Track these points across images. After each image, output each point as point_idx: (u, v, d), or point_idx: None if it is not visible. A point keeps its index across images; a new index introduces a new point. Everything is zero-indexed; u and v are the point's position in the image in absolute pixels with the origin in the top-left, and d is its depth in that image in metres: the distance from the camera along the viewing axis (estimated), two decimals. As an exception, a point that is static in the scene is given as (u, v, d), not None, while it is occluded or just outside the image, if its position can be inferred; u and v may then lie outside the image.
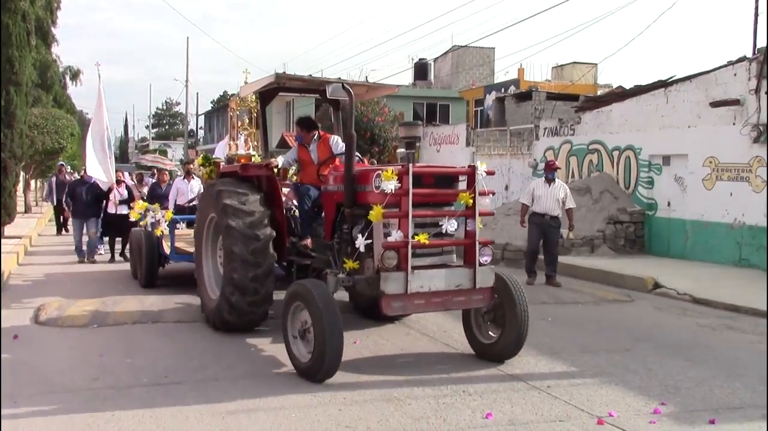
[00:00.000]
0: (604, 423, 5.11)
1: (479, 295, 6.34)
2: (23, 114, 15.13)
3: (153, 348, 7.16)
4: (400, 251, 5.97)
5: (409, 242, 5.95)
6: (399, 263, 5.94)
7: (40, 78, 26.82)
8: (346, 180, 6.62)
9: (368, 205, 6.32)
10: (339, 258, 6.93)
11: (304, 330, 6.06)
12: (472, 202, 6.26)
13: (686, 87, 14.40)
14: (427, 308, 6.26)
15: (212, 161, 10.46)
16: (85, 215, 14.11)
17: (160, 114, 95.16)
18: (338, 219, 7.09)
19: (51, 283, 11.33)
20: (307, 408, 5.34)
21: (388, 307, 5.95)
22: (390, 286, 5.89)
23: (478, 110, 31.74)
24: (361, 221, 6.47)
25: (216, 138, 56.35)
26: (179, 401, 5.48)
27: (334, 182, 7.23)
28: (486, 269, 6.33)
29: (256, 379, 6.13)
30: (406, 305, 6.08)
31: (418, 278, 6.01)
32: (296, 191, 8.11)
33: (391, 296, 5.91)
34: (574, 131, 17.67)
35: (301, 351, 6.14)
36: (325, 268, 7.15)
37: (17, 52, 14.16)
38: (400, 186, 5.96)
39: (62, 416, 5.10)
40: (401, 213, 6.00)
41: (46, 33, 27.36)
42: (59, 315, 8.51)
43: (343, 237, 6.89)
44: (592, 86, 30.84)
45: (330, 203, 7.32)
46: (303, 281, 6.28)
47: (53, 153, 26.22)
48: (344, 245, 6.85)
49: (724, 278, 11.89)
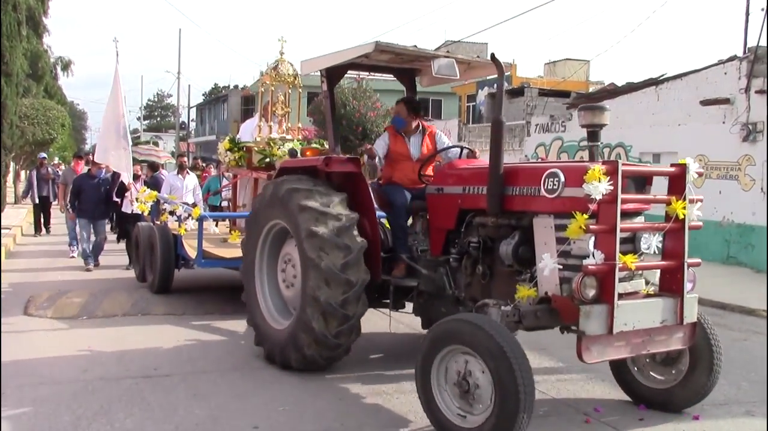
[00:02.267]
0: (591, 420, 5.15)
1: (682, 332, 4.91)
2: (14, 105, 15.09)
3: (142, 340, 7.16)
4: (601, 277, 4.50)
5: (615, 264, 4.47)
6: (599, 293, 4.50)
7: (30, 68, 26.65)
8: (491, 179, 5.15)
9: (522, 213, 5.11)
10: (457, 280, 5.72)
11: (462, 380, 4.48)
12: (682, 212, 4.85)
13: (677, 85, 14.48)
14: (628, 351, 4.73)
15: (241, 146, 9.42)
16: (94, 215, 11.91)
17: (151, 106, 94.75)
18: (461, 230, 5.66)
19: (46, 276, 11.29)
20: (296, 402, 5.36)
21: (587, 352, 4.48)
22: (592, 324, 4.44)
23: (470, 105, 31.80)
24: (512, 234, 5.17)
25: (208, 131, 56.22)
26: (168, 393, 5.49)
27: (455, 182, 5.75)
28: (692, 299, 4.95)
29: (245, 372, 6.14)
30: (605, 349, 4.58)
31: (622, 313, 4.52)
32: (383, 193, 6.43)
33: (591, 337, 4.48)
34: (565, 127, 17.74)
35: (454, 407, 4.57)
36: (435, 292, 5.90)
37: (8, 43, 14.12)
38: (612, 189, 4.45)
39: (51, 407, 5.10)
40: (606, 226, 4.50)
41: (38, 23, 27.19)
42: (49, 307, 8.50)
43: (469, 253, 5.55)
44: (584, 83, 30.94)
45: (442, 209, 5.84)
46: (462, 318, 4.67)
47: (44, 144, 26.14)
48: (469, 263, 5.56)
49: (712, 276, 11.94)
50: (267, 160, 9.14)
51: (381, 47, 6.06)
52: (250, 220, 6.82)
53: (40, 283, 10.28)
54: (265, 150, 9.17)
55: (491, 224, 5.29)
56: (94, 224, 11.96)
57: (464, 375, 4.46)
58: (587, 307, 4.43)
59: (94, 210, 11.83)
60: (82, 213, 11.82)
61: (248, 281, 6.70)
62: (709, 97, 13.52)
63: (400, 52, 6.30)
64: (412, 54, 6.34)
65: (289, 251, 6.30)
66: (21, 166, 29.81)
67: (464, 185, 5.63)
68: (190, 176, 12.52)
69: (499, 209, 5.18)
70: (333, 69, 6.63)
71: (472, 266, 5.53)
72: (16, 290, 9.65)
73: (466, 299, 5.60)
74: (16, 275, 10.82)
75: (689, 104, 14.06)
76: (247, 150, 9.13)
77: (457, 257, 5.68)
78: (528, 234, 5.06)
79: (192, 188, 12.28)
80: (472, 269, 5.53)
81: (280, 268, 6.47)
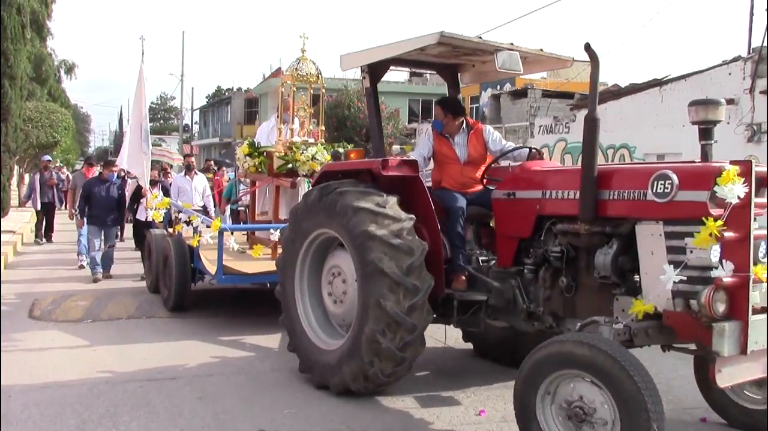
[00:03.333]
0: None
1: None
2: (18, 108, 15.10)
3: (147, 343, 7.15)
4: (733, 291, 4.04)
5: (749, 277, 4.04)
6: (730, 309, 4.04)
7: (34, 72, 26.71)
8: (585, 182, 4.65)
9: (620, 219, 4.60)
10: (531, 293, 5.23)
11: (574, 407, 4.00)
12: None
13: (681, 86, 14.45)
14: (759, 372, 4.29)
15: (261, 151, 8.65)
16: (106, 222, 11.05)
17: (154, 109, 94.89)
18: (538, 238, 5.15)
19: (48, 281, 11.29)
20: (301, 405, 5.35)
21: (720, 375, 4.04)
22: (726, 344, 3.96)
23: (473, 106, 31.75)
24: (608, 243, 4.67)
25: (211, 133, 56.30)
26: (173, 396, 5.49)
27: (532, 186, 5.23)
28: None
29: (250, 375, 6.13)
30: (737, 371, 4.13)
31: (754, 331, 4.06)
32: (434, 199, 5.73)
33: (723, 359, 4.02)
34: (569, 128, 17.72)
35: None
36: (504, 306, 5.39)
37: (12, 46, 14.16)
38: (747, 193, 4.02)
39: (56, 411, 5.10)
40: (739, 234, 4.04)
41: (41, 26, 27.24)
42: (53, 310, 8.51)
43: (549, 263, 5.06)
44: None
45: (515, 215, 5.31)
46: (575, 339, 4.09)
47: (47, 147, 26.20)
48: (549, 275, 5.07)
49: (717, 277, 11.92)
50: (289, 166, 8.46)
51: (445, 38, 5.36)
52: (288, 232, 6.11)
53: (42, 293, 9.76)
54: (287, 155, 8.50)
55: (584, 232, 4.70)
56: (106, 231, 11.15)
57: (577, 400, 3.99)
58: (720, 325, 3.95)
59: (106, 216, 11.01)
60: (93, 220, 10.98)
61: (288, 301, 6.04)
62: (713, 98, 13.49)
63: (461, 45, 5.65)
64: (472, 46, 5.71)
65: (337, 263, 5.74)
66: (25, 169, 29.86)
67: (544, 189, 5.09)
68: (199, 176, 11.86)
69: (593, 216, 4.65)
70: (376, 65, 6.08)
71: (552, 277, 5.04)
72: (19, 295, 9.64)
73: (545, 314, 5.11)
74: (16, 286, 10.02)
75: (693, 105, 14.02)
76: (267, 155, 8.44)
77: (532, 268, 5.18)
78: (627, 243, 4.58)
79: (201, 189, 11.65)
80: (552, 282, 5.04)
81: (326, 282, 5.89)
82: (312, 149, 8.46)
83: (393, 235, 5.12)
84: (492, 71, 6.19)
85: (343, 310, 5.71)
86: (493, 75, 6.56)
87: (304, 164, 8.38)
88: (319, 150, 8.40)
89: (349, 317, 5.53)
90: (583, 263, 4.88)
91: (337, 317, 5.84)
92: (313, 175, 7.77)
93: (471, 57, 6.18)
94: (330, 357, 5.56)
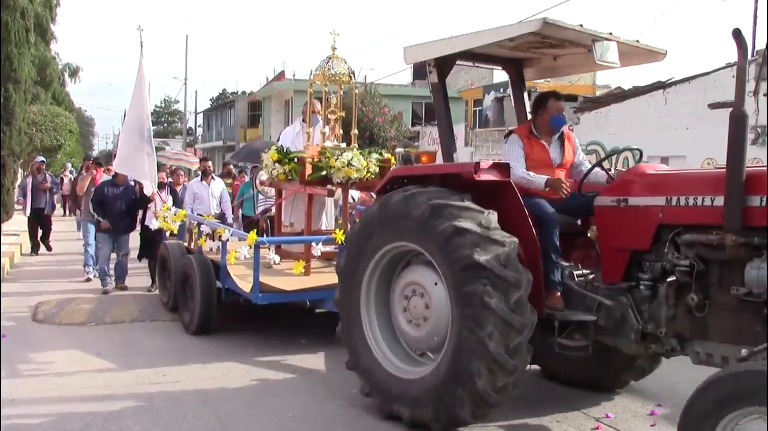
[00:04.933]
0: (602, 426, 5.11)
1: None
2: (22, 111, 15.11)
3: (151, 346, 7.16)
4: None
5: None
6: None
7: (38, 75, 26.77)
8: (731, 186, 4.11)
9: None
10: (646, 312, 4.64)
11: None
12: None
13: (685, 89, 14.47)
14: None
15: (292, 157, 7.91)
16: (118, 228, 10.26)
17: (158, 112, 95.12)
18: (659, 250, 4.58)
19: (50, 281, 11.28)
20: (306, 408, 5.34)
21: None
22: None
23: (477, 110, 31.74)
24: (759, 255, 4.08)
25: (215, 136, 56.36)
26: (177, 399, 5.48)
27: (652, 191, 4.66)
28: None
29: (255, 379, 6.13)
30: None
31: None
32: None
33: None
34: (572, 131, 17.72)
35: None
36: (613, 326, 4.78)
37: (16, 49, 14.17)
38: None
39: (60, 414, 5.09)
40: None
41: (45, 30, 27.32)
42: (57, 313, 8.51)
43: (674, 278, 4.48)
44: (591, 87, 30.85)
45: (628, 224, 4.73)
46: (758, 368, 3.44)
47: (52, 150, 26.27)
48: (673, 292, 4.50)
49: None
50: (323, 173, 7.78)
51: (550, 24, 4.72)
52: (353, 243, 5.46)
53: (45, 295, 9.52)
54: (321, 162, 7.80)
55: (730, 243, 4.11)
56: (117, 239, 10.32)
57: None
58: None
59: (119, 223, 10.21)
60: None
61: (352, 319, 5.41)
62: (717, 101, 13.49)
63: (560, 34, 4.99)
64: (573, 36, 5.05)
65: (417, 280, 5.08)
66: (28, 173, 29.94)
67: (668, 194, 4.52)
68: (216, 181, 11.10)
69: (740, 224, 4.10)
70: (445, 59, 5.49)
71: (677, 294, 4.49)
72: (23, 297, 9.65)
73: (666, 336, 4.56)
74: (17, 293, 9.62)
75: (697, 108, 14.03)
76: (299, 161, 7.75)
77: (649, 284, 4.60)
78: None
79: (218, 195, 10.93)
80: (677, 299, 4.49)
81: (401, 299, 5.19)
82: (347, 154, 7.76)
83: (499, 264, 4.51)
84: (561, 66, 5.82)
85: (422, 335, 5.07)
86: (561, 71, 6.15)
87: (339, 170, 7.68)
88: (355, 156, 7.74)
89: (429, 344, 5.04)
90: (716, 278, 4.34)
91: (414, 340, 5.22)
92: (348, 182, 7.71)
93: (547, 50, 5.61)
94: (407, 386, 4.97)
